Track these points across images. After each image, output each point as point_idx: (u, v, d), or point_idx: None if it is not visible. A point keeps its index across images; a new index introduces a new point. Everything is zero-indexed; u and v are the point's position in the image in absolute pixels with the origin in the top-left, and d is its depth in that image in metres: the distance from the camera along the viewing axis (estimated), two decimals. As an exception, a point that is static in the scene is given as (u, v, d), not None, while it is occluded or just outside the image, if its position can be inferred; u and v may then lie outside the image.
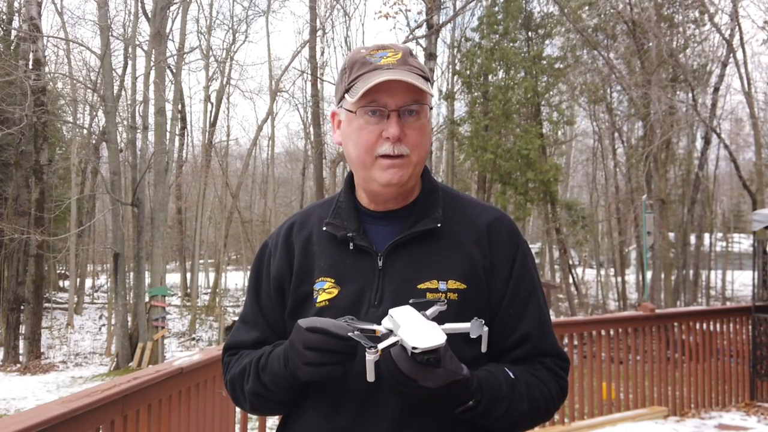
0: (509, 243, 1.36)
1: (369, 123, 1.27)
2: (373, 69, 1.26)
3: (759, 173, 16.25)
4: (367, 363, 1.10)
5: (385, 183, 1.29)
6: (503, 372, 1.26)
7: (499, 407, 1.22)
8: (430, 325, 1.11)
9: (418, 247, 1.32)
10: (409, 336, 1.08)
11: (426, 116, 1.30)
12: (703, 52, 17.32)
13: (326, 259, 1.34)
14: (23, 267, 17.45)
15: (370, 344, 1.09)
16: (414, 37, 13.28)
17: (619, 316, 7.28)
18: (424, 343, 1.06)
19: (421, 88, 1.25)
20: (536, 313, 1.35)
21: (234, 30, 26.35)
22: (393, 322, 1.14)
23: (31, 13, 15.99)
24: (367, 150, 1.28)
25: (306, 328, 1.16)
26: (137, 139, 17.57)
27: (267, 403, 1.34)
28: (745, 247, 27.36)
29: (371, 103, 1.26)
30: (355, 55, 1.31)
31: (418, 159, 1.30)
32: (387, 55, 1.29)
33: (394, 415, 1.23)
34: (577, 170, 31.50)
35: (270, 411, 1.40)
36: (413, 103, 1.27)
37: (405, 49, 1.32)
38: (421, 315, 1.14)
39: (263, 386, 1.30)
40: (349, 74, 1.30)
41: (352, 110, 1.29)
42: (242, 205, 29.78)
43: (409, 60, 1.29)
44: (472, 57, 17.48)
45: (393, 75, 1.23)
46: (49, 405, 2.23)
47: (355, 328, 1.16)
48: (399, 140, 1.26)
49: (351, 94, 1.27)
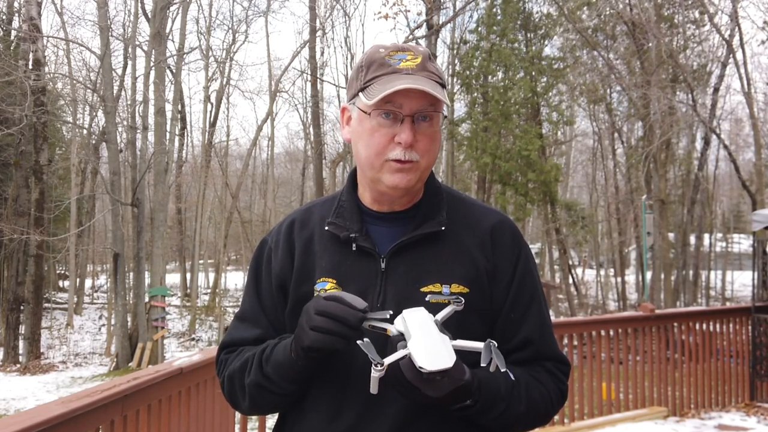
0: (512, 246, 1.36)
1: (382, 126, 1.25)
2: (392, 72, 1.24)
3: (759, 173, 16.25)
4: (371, 378, 1.07)
5: (393, 186, 1.27)
6: (503, 373, 1.24)
7: (497, 408, 1.22)
8: (441, 340, 1.09)
9: (421, 249, 1.31)
10: (418, 353, 1.06)
11: (438, 123, 1.29)
12: (703, 52, 17.31)
13: (328, 259, 1.33)
14: (23, 267, 17.45)
15: (377, 360, 1.06)
16: (414, 37, 13.28)
17: (618, 317, 7.28)
18: (432, 365, 1.04)
19: (438, 96, 1.23)
20: (538, 317, 1.35)
21: (234, 30, 26.33)
22: (405, 326, 1.11)
23: (31, 13, 15.99)
24: (377, 153, 1.26)
25: (324, 297, 1.18)
26: (137, 139, 17.56)
27: (267, 395, 1.30)
28: (745, 247, 27.38)
29: (386, 104, 1.24)
30: (373, 54, 1.29)
31: (427, 165, 1.29)
32: (406, 58, 1.26)
33: (396, 417, 1.23)
34: (577, 170, 31.51)
35: (269, 405, 1.35)
36: (428, 109, 1.25)
37: (425, 53, 1.30)
38: (434, 324, 1.11)
39: (266, 377, 1.27)
40: (366, 73, 1.27)
41: (365, 111, 1.27)
42: (242, 205, 29.76)
43: (428, 65, 1.27)
44: (470, 58, 17.47)
45: (413, 83, 1.21)
46: (48, 405, 2.24)
47: (368, 323, 1.15)
48: (411, 146, 1.25)
49: (367, 94, 1.25)
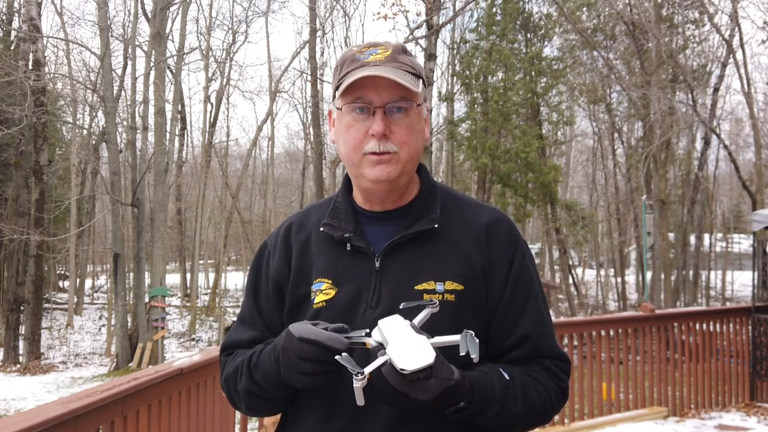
0: (508, 243, 1.34)
1: (356, 120, 1.27)
2: (360, 66, 1.25)
3: (759, 174, 16.26)
4: (354, 389, 1.06)
5: (374, 179, 1.27)
6: (497, 373, 1.24)
7: (492, 408, 1.20)
8: (419, 340, 1.08)
9: (415, 247, 1.30)
10: (397, 356, 1.06)
11: (417, 114, 1.28)
12: (703, 52, 17.33)
13: (324, 260, 1.33)
14: (23, 267, 17.44)
15: (357, 370, 1.06)
16: (414, 37, 13.27)
17: (619, 317, 7.28)
18: (412, 365, 1.04)
19: (406, 85, 1.23)
20: (535, 314, 1.33)
21: (234, 30, 26.35)
22: (382, 335, 1.11)
23: (31, 13, 15.99)
24: (354, 147, 1.27)
25: (299, 338, 1.14)
26: (137, 139, 17.56)
27: (261, 401, 1.32)
28: (745, 247, 27.39)
29: (357, 99, 1.25)
30: (346, 53, 1.31)
31: (408, 156, 1.28)
32: (376, 52, 1.27)
33: (390, 418, 1.22)
34: (576, 171, 31.50)
35: (265, 410, 1.38)
36: (400, 99, 1.25)
37: (397, 46, 1.31)
38: (410, 327, 1.11)
39: (256, 385, 1.28)
40: (339, 72, 1.29)
41: (339, 107, 1.29)
42: (242, 205, 29.75)
43: (398, 57, 1.27)
44: (470, 58, 17.47)
45: (374, 71, 1.22)
46: (48, 405, 2.23)
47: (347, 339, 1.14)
48: (385, 137, 1.25)
49: (339, 91, 1.27)
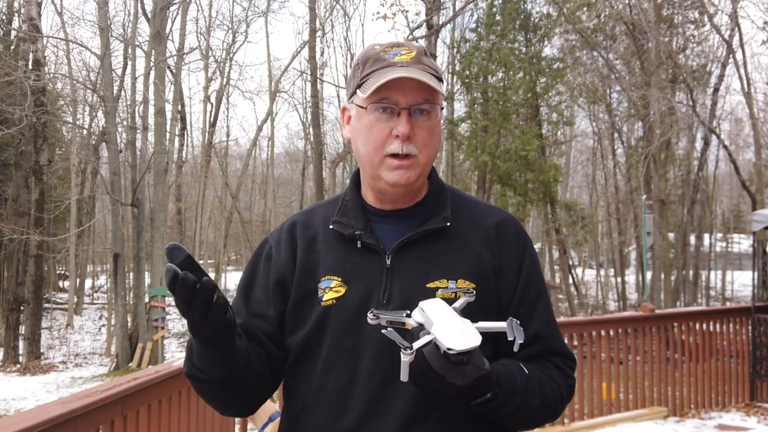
0: (517, 243, 1.36)
1: (379, 120, 1.26)
2: (387, 66, 1.25)
3: (759, 174, 16.27)
4: (402, 363, 1.07)
5: (393, 183, 1.28)
6: (518, 367, 1.25)
7: (514, 401, 1.22)
8: (464, 323, 1.08)
9: (426, 245, 1.31)
10: (444, 336, 1.05)
11: (437, 117, 1.29)
12: (703, 52, 17.32)
13: (332, 257, 1.32)
14: (23, 267, 17.44)
15: (406, 345, 1.05)
16: (414, 37, 13.27)
17: (618, 317, 7.28)
18: (461, 345, 1.04)
19: (434, 87, 1.23)
20: (545, 313, 1.35)
21: (233, 30, 26.29)
22: (424, 316, 1.10)
23: (31, 13, 15.98)
24: (376, 148, 1.27)
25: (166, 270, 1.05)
26: (137, 139, 17.55)
27: (203, 385, 1.27)
28: (745, 247, 27.38)
29: (382, 100, 1.25)
30: (368, 51, 1.30)
31: (426, 159, 1.29)
32: (401, 53, 1.28)
33: (402, 415, 1.22)
34: (576, 171, 31.47)
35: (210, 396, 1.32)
36: (425, 102, 1.26)
37: (420, 47, 1.31)
38: (452, 310, 1.11)
39: (196, 368, 1.25)
40: (362, 70, 1.28)
41: (362, 106, 1.28)
42: (242, 205, 29.76)
43: (423, 59, 1.28)
44: (470, 58, 17.47)
45: (406, 72, 1.22)
46: (48, 405, 2.23)
47: (385, 319, 1.13)
48: (408, 139, 1.25)
49: (363, 89, 1.26)
